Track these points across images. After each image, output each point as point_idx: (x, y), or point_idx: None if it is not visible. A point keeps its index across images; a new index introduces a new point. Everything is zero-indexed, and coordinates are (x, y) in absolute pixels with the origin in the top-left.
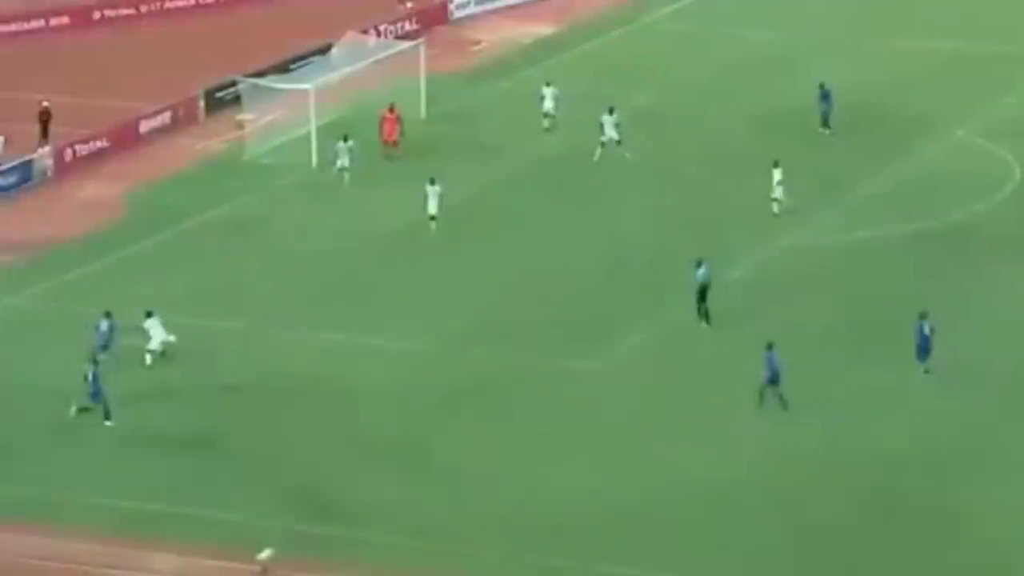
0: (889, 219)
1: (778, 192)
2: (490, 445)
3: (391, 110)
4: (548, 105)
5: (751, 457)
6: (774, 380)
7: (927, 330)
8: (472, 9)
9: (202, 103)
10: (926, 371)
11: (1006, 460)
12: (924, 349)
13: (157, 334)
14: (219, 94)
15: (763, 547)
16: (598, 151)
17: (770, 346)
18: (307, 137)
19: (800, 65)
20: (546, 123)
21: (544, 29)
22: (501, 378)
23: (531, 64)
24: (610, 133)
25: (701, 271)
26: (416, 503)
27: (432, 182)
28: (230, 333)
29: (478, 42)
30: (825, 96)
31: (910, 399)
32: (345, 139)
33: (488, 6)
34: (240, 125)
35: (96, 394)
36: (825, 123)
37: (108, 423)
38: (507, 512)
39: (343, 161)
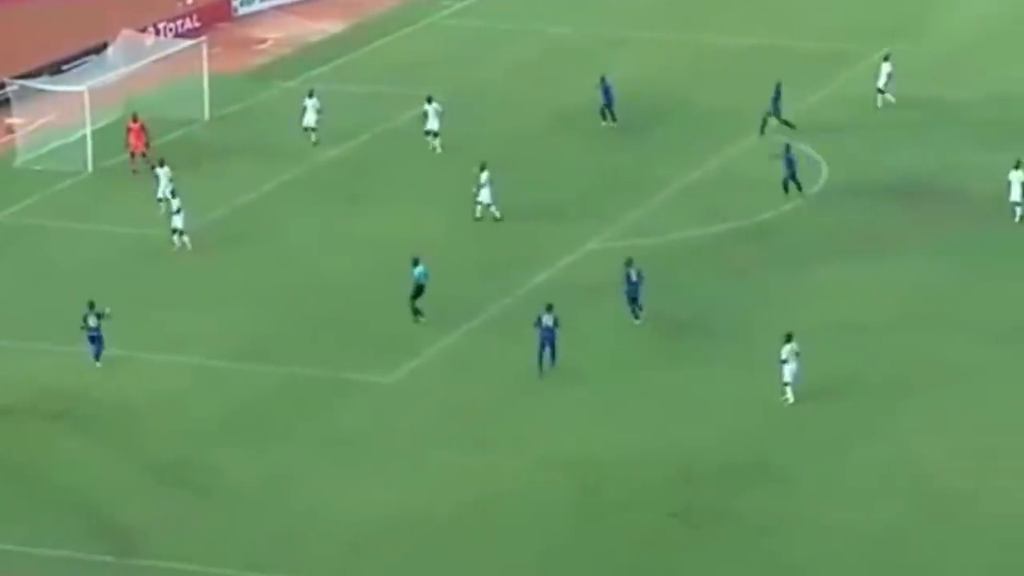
0: (696, 219)
1: (483, 195)
2: (276, 463)
3: (134, 119)
4: (310, 119)
5: (551, 464)
6: (545, 346)
7: (634, 277)
8: (257, 6)
9: None
10: (636, 318)
11: (807, 466)
12: (633, 297)
13: None
14: None
15: (563, 554)
16: (434, 142)
17: (548, 307)
18: (82, 141)
19: (599, 60)
20: (313, 138)
21: (332, 26)
22: (287, 392)
23: (319, 63)
24: (432, 123)
25: (419, 270)
26: (198, 526)
27: (173, 195)
28: None
29: (263, 40)
30: (606, 90)
31: (713, 402)
32: (161, 163)
33: (273, 2)
34: (9, 129)
35: (95, 339)
36: (608, 116)
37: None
38: (296, 533)
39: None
